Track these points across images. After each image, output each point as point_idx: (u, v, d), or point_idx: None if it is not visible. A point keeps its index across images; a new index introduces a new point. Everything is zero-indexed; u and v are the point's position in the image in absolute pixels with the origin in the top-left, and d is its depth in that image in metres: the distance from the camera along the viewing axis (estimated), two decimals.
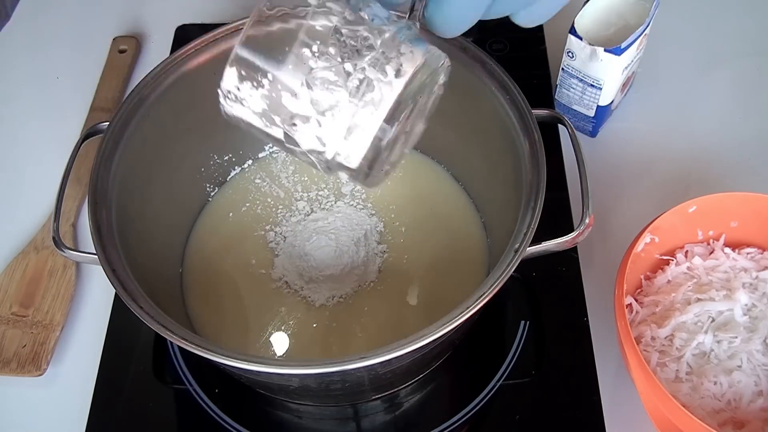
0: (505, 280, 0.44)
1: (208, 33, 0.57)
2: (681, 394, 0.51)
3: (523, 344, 0.58)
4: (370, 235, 0.61)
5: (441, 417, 0.55)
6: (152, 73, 0.55)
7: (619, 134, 0.71)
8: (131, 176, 0.52)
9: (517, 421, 0.55)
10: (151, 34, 0.82)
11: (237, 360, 0.42)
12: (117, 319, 0.60)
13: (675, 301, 0.55)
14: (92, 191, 0.49)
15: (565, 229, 0.48)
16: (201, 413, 0.55)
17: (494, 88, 0.54)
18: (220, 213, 0.64)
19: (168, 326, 0.44)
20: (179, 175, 0.60)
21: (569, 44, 0.64)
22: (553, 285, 0.61)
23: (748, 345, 0.52)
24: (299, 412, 0.57)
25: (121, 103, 0.53)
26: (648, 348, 0.54)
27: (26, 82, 0.79)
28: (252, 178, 0.66)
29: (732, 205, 0.57)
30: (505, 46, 0.76)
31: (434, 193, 0.64)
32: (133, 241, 0.51)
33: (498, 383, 0.56)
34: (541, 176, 0.49)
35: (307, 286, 0.59)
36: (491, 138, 0.56)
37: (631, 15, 0.66)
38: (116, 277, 0.46)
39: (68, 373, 0.59)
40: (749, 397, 0.51)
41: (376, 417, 0.56)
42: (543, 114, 0.53)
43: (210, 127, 0.61)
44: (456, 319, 0.43)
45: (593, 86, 0.65)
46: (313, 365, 0.42)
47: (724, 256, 0.57)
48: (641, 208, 0.61)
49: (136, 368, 0.58)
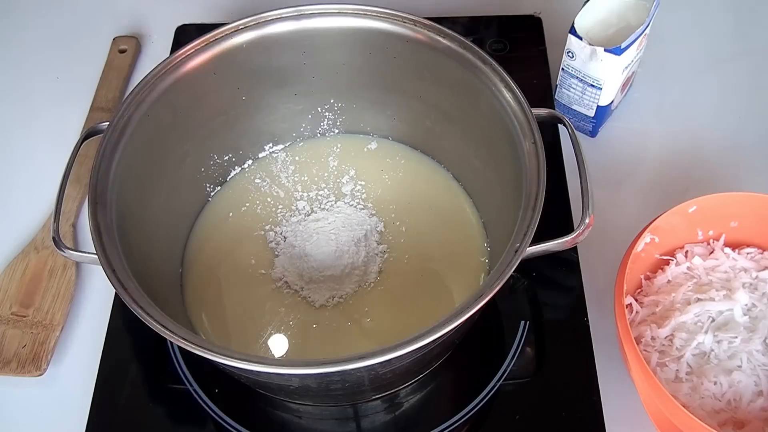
0: (505, 280, 0.44)
1: (208, 33, 0.57)
2: (681, 394, 0.51)
3: (523, 344, 0.58)
4: (371, 236, 0.61)
5: (441, 417, 0.55)
6: (152, 73, 0.55)
7: (619, 134, 0.71)
8: (131, 176, 0.52)
9: (517, 421, 0.55)
10: (151, 34, 0.82)
11: (237, 360, 0.42)
12: (117, 319, 0.60)
13: (675, 301, 0.55)
14: (92, 191, 0.49)
15: (565, 229, 0.48)
16: (201, 413, 0.55)
17: (494, 88, 0.54)
18: (220, 213, 0.64)
19: (168, 326, 0.44)
20: (179, 175, 0.60)
21: (569, 44, 0.64)
22: (553, 285, 0.61)
23: (748, 345, 0.52)
24: (299, 412, 0.57)
25: (121, 103, 0.53)
26: (648, 348, 0.54)
27: (26, 82, 0.79)
28: (252, 178, 0.66)
29: (732, 205, 0.57)
30: (505, 46, 0.76)
31: (434, 193, 0.64)
32: (133, 241, 0.51)
33: (498, 383, 0.56)
34: (541, 176, 0.49)
35: (307, 286, 0.59)
36: (491, 138, 0.56)
37: (631, 15, 0.66)
38: (116, 277, 0.46)
39: (68, 373, 0.59)
40: (749, 397, 0.51)
41: (376, 417, 0.56)
42: (543, 114, 0.53)
43: (210, 127, 0.61)
44: (456, 319, 0.43)
45: (593, 86, 0.65)
46: (313, 365, 0.42)
47: (724, 256, 0.57)
48: (641, 208, 0.61)
49: (136, 368, 0.58)
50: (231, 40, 0.57)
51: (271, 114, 0.64)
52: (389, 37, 0.56)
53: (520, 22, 0.78)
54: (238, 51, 0.58)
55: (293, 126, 0.67)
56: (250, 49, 0.58)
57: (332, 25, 0.58)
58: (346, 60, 0.60)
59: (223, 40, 0.57)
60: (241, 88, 0.61)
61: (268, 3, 0.58)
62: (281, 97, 0.63)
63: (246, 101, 0.62)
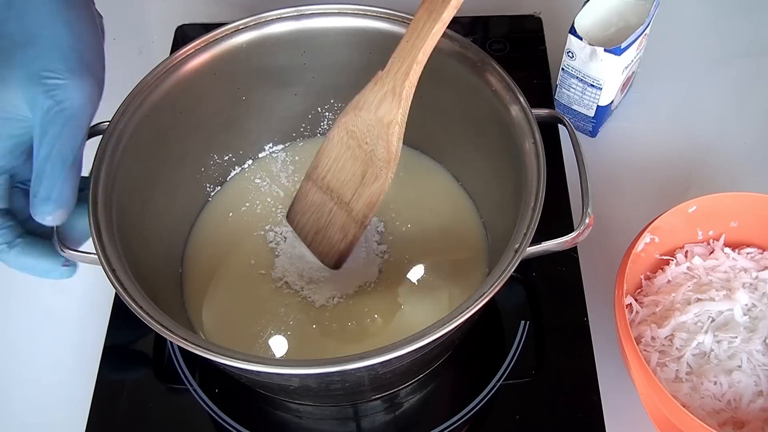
0: (505, 280, 0.44)
1: (208, 33, 0.57)
2: (681, 394, 0.51)
3: (523, 344, 0.58)
4: (371, 236, 0.61)
5: (441, 417, 0.55)
6: (152, 73, 0.55)
7: (619, 134, 0.71)
8: (131, 176, 0.52)
9: (517, 421, 0.55)
10: (151, 34, 0.82)
11: (237, 360, 0.42)
12: (117, 319, 0.60)
13: (675, 301, 0.55)
14: (92, 191, 0.49)
15: (565, 229, 0.48)
16: (201, 413, 0.55)
17: (494, 88, 0.54)
18: (220, 213, 0.64)
19: (168, 326, 0.44)
20: (179, 175, 0.60)
21: (569, 44, 0.64)
22: (553, 285, 0.61)
23: (748, 345, 0.52)
24: (299, 412, 0.57)
25: (121, 103, 0.53)
26: (648, 348, 0.54)
27: None
28: (252, 178, 0.66)
29: (732, 205, 0.57)
30: (505, 46, 0.76)
31: (434, 193, 0.64)
32: (133, 241, 0.51)
33: (498, 383, 0.56)
34: (541, 176, 0.49)
35: (307, 286, 0.59)
36: (491, 138, 0.56)
37: (631, 15, 0.66)
38: (116, 277, 0.46)
39: (68, 373, 0.59)
40: (749, 397, 0.51)
41: (376, 417, 0.56)
42: (543, 114, 0.53)
43: (210, 127, 0.61)
44: (456, 319, 0.43)
45: (593, 86, 0.65)
46: (313, 365, 0.42)
47: (724, 256, 0.57)
48: (641, 208, 0.61)
49: (136, 368, 0.58)
50: (231, 40, 0.57)
51: (271, 114, 0.64)
52: (389, 37, 0.56)
53: (520, 22, 0.78)
54: (238, 51, 0.58)
55: (293, 126, 0.67)
56: (250, 49, 0.58)
57: (332, 25, 0.58)
58: (346, 60, 0.60)
59: (223, 40, 0.57)
60: (241, 88, 0.61)
61: (268, 3, 0.58)
62: (281, 97, 0.63)
63: (246, 101, 0.62)
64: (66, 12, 0.46)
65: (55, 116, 0.44)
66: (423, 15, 0.49)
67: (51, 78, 0.44)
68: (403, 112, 0.51)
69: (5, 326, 0.62)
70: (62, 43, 0.45)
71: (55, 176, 0.44)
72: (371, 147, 0.53)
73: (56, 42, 0.45)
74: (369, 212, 0.55)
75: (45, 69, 0.44)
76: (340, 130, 0.55)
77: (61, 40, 0.45)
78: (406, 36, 0.50)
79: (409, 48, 0.50)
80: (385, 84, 0.51)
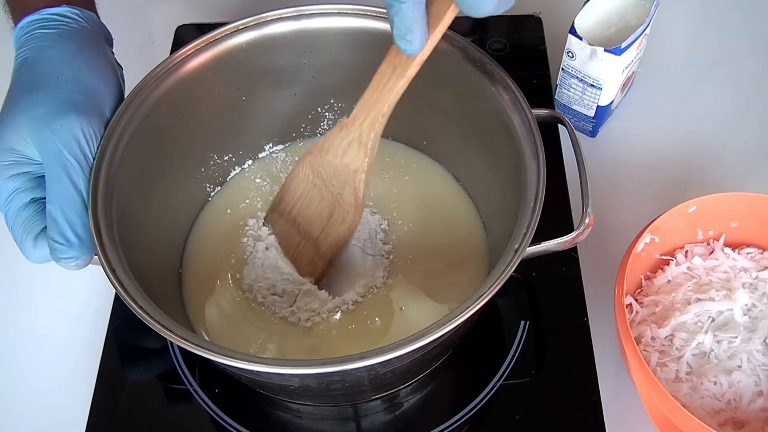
0: (505, 280, 0.44)
1: (208, 33, 0.57)
2: (681, 394, 0.51)
3: (523, 344, 0.58)
4: (375, 236, 0.61)
5: (441, 417, 0.55)
6: (152, 74, 0.55)
7: (619, 134, 0.71)
8: (131, 176, 0.52)
9: (517, 421, 0.55)
10: (151, 34, 0.82)
11: (237, 360, 0.42)
12: (117, 319, 0.60)
13: (675, 301, 0.55)
14: (92, 191, 0.49)
15: (565, 229, 0.48)
16: (201, 413, 0.55)
17: (494, 88, 0.54)
18: (220, 213, 0.64)
19: (168, 326, 0.44)
20: (179, 175, 0.60)
21: (569, 44, 0.64)
22: (553, 285, 0.61)
23: (748, 345, 0.52)
24: (299, 412, 0.57)
25: (121, 104, 0.53)
26: (648, 348, 0.54)
27: None
28: (252, 178, 0.66)
29: (732, 205, 0.57)
30: (505, 46, 0.76)
31: (434, 193, 0.64)
32: (133, 241, 0.51)
33: (498, 383, 0.56)
34: (541, 176, 0.49)
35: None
36: (491, 138, 0.56)
37: (631, 15, 0.66)
38: (116, 277, 0.46)
39: (68, 373, 0.59)
40: (749, 397, 0.51)
41: (376, 417, 0.56)
42: (543, 114, 0.53)
43: (210, 127, 0.61)
44: (456, 319, 0.43)
45: (593, 86, 0.65)
46: (313, 365, 0.42)
47: (724, 256, 0.57)
48: (641, 208, 0.61)
49: (136, 368, 0.58)
50: (231, 40, 0.57)
51: (271, 114, 0.64)
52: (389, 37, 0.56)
53: (520, 22, 0.78)
54: (238, 51, 0.58)
55: (293, 126, 0.67)
56: (250, 49, 0.58)
57: (332, 25, 0.58)
58: (346, 60, 0.60)
59: (223, 40, 0.57)
60: (241, 88, 0.61)
61: (268, 3, 0.58)
62: (281, 97, 0.63)
63: (246, 101, 0.62)
64: (75, 60, 0.50)
65: (58, 159, 0.47)
66: (387, 69, 0.49)
67: (55, 121, 0.47)
68: (369, 161, 0.52)
69: (5, 326, 0.62)
70: (69, 88, 0.48)
71: (63, 222, 0.47)
72: (338, 190, 0.54)
73: (63, 87, 0.48)
74: (337, 251, 0.56)
75: (50, 114, 0.47)
76: (305, 167, 0.56)
77: (67, 86, 0.48)
78: (371, 88, 0.50)
79: (374, 101, 0.50)
80: (351, 132, 0.52)
